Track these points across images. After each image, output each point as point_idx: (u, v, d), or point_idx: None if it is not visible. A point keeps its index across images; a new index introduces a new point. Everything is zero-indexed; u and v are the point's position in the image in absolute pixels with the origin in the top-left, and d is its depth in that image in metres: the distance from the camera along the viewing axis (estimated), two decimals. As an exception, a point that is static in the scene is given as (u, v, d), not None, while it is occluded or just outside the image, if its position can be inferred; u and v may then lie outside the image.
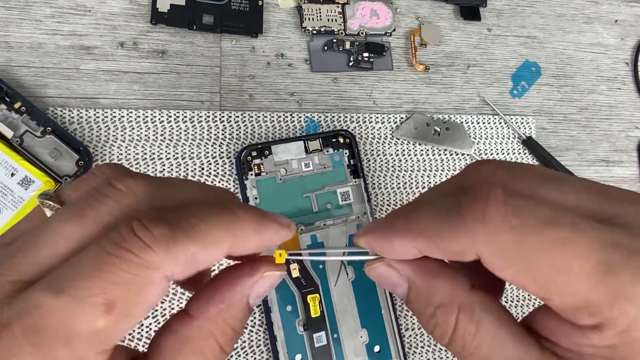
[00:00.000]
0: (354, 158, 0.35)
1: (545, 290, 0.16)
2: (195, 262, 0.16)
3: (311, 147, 0.35)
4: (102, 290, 0.14)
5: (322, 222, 0.33)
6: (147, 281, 0.15)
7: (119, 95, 0.43)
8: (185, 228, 0.16)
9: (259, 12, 0.46)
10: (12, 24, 0.41)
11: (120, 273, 0.15)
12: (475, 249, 0.17)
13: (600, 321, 0.15)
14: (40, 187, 0.38)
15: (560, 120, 0.53)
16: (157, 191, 0.17)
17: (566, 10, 0.56)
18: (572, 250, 0.15)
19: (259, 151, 0.33)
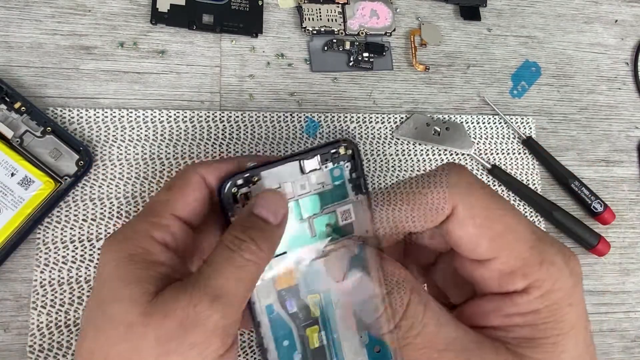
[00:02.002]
0: (357, 171, 0.31)
1: (495, 249, 0.19)
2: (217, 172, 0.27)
3: (307, 166, 0.30)
4: (166, 184, 0.27)
5: (321, 249, 0.30)
6: (187, 174, 0.27)
7: (119, 95, 0.43)
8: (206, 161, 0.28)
9: (259, 12, 0.46)
10: (12, 24, 0.41)
11: (175, 175, 0.28)
12: (452, 201, 0.20)
13: (529, 282, 0.19)
14: (40, 187, 0.38)
15: (560, 120, 0.53)
16: None
17: (566, 10, 0.56)
18: (520, 220, 0.20)
19: (247, 179, 0.28)
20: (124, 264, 0.22)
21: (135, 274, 0.22)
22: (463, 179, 0.21)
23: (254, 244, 0.23)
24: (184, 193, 0.26)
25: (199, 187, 0.26)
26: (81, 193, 0.41)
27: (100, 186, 0.41)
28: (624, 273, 0.51)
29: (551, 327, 0.19)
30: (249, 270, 0.23)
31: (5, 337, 0.37)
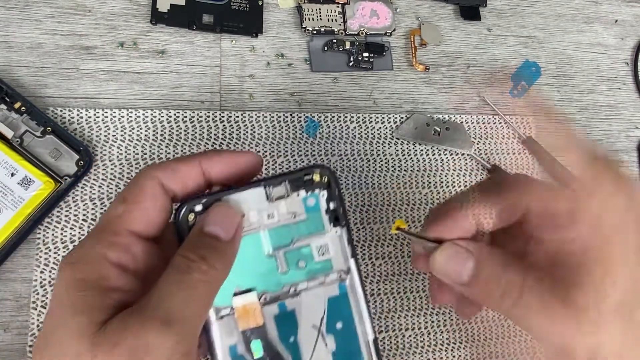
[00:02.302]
0: (334, 200, 0.27)
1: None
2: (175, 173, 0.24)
3: (275, 193, 0.26)
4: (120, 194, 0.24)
5: (293, 287, 0.27)
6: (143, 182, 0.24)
7: (119, 95, 0.43)
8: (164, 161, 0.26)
9: (259, 12, 0.46)
10: (12, 24, 0.41)
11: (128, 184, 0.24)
12: (525, 202, 0.23)
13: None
14: (40, 187, 0.38)
15: (560, 120, 0.53)
16: None
17: (566, 10, 0.56)
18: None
19: (206, 205, 0.25)
20: (74, 290, 0.21)
21: (85, 301, 0.21)
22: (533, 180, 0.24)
23: (205, 263, 0.22)
24: (140, 204, 0.23)
25: (157, 195, 0.24)
26: (81, 193, 0.41)
27: (100, 186, 0.41)
28: (624, 273, 0.51)
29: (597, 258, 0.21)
30: (201, 291, 0.22)
31: (5, 337, 0.37)
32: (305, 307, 0.27)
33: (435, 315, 0.46)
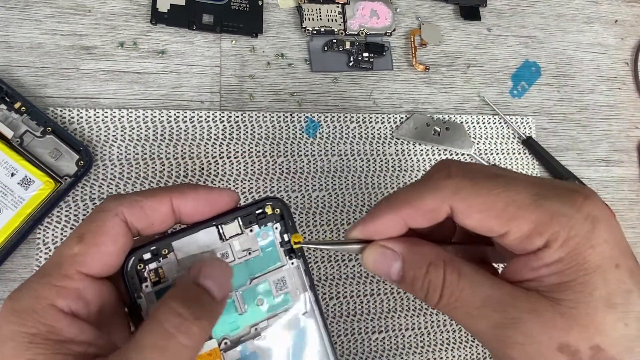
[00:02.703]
0: (288, 232, 0.26)
1: (505, 224, 0.21)
2: (143, 211, 0.22)
3: (227, 232, 0.25)
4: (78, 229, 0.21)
5: (253, 327, 0.26)
6: (105, 218, 0.21)
7: (119, 95, 0.43)
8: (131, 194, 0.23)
9: (259, 12, 0.46)
10: (12, 24, 0.41)
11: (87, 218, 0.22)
12: (447, 202, 0.22)
13: (547, 238, 0.20)
14: (40, 187, 0.38)
15: (560, 120, 0.53)
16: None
17: (566, 10, 0.56)
18: (515, 188, 0.21)
19: (154, 252, 0.24)
20: (23, 348, 0.19)
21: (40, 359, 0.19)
22: (452, 176, 0.22)
23: (197, 325, 0.20)
24: (98, 244, 0.21)
25: (119, 235, 0.22)
26: (81, 193, 0.41)
27: (100, 186, 0.41)
28: (624, 273, 0.51)
29: (576, 269, 0.20)
30: (186, 356, 0.20)
31: (5, 337, 0.37)
32: (268, 347, 0.26)
33: (435, 315, 0.46)
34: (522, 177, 0.22)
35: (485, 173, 0.22)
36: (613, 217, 0.21)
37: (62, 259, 0.21)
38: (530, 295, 0.21)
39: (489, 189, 0.21)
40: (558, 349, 0.20)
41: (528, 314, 0.20)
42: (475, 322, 0.22)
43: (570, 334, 0.20)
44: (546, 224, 0.20)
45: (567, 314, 0.20)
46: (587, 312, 0.20)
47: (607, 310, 0.20)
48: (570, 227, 0.20)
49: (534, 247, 0.21)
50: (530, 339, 0.20)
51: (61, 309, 0.20)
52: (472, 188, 0.22)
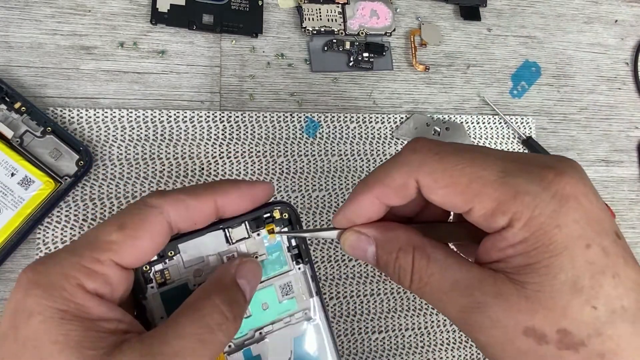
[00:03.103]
0: (296, 237, 0.27)
1: (468, 201, 0.20)
2: (187, 210, 0.22)
3: (235, 235, 0.25)
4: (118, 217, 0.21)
5: (258, 331, 0.26)
6: (149, 213, 0.21)
7: (119, 95, 0.43)
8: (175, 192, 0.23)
9: (259, 12, 0.46)
10: (12, 24, 0.41)
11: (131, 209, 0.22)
12: (413, 176, 0.22)
13: (510, 217, 0.20)
14: (40, 187, 0.38)
15: (560, 120, 0.53)
16: None
17: (566, 10, 0.56)
18: (481, 163, 0.20)
19: (160, 253, 0.24)
20: (55, 324, 0.19)
21: (72, 337, 0.19)
22: (417, 151, 0.22)
23: (233, 325, 0.21)
24: (136, 238, 0.21)
25: (160, 233, 0.22)
26: (81, 193, 0.41)
27: (100, 186, 0.41)
28: (624, 273, 0.51)
29: (541, 251, 0.19)
30: (217, 354, 0.21)
31: (5, 337, 0.37)
32: (272, 351, 0.26)
33: (435, 315, 0.46)
34: (493, 152, 0.21)
35: (454, 147, 0.22)
36: (590, 193, 0.20)
37: (97, 242, 0.21)
38: (497, 278, 0.20)
39: (454, 163, 0.21)
40: (524, 333, 0.19)
41: (493, 298, 0.20)
42: (445, 306, 0.22)
43: (535, 317, 0.19)
44: (509, 202, 0.20)
45: (532, 297, 0.19)
46: (552, 295, 0.19)
47: (574, 294, 0.19)
48: (534, 206, 0.19)
49: (497, 225, 0.20)
50: (496, 323, 0.20)
51: (89, 290, 0.20)
52: (438, 162, 0.21)
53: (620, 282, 0.19)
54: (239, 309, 0.22)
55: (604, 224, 0.20)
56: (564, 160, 0.21)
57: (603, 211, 0.20)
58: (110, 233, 0.21)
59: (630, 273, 0.19)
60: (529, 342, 0.19)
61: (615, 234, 0.20)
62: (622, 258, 0.19)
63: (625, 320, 0.19)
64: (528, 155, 0.22)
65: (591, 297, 0.19)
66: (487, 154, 0.21)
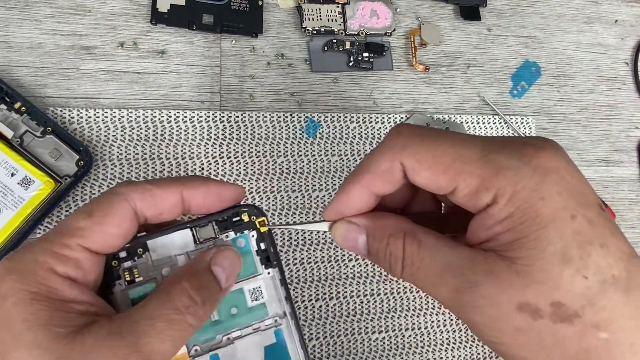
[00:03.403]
0: (264, 240, 0.26)
1: (452, 180, 0.21)
2: (153, 199, 0.23)
3: (202, 234, 0.25)
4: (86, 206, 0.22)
5: (226, 336, 0.25)
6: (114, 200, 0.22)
7: (119, 95, 0.43)
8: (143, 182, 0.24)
9: (259, 12, 0.46)
10: (12, 24, 0.41)
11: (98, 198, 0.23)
12: (397, 159, 0.22)
13: (494, 193, 0.20)
14: (40, 187, 0.38)
15: (560, 120, 0.53)
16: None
17: (566, 10, 0.56)
18: (462, 143, 0.21)
19: (129, 250, 0.24)
20: (26, 304, 0.19)
21: (41, 315, 0.19)
22: (401, 134, 0.22)
23: (202, 309, 0.22)
24: (103, 224, 0.22)
25: (126, 219, 0.22)
26: (81, 193, 0.41)
27: (100, 186, 0.41)
28: (624, 273, 0.51)
29: (528, 224, 0.19)
30: (186, 336, 0.21)
31: (5, 337, 0.37)
32: (240, 357, 0.25)
33: (435, 315, 0.46)
34: (474, 136, 0.22)
35: (436, 131, 0.22)
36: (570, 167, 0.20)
37: (66, 229, 0.21)
38: (487, 257, 0.20)
39: (436, 144, 0.21)
40: (518, 308, 0.19)
41: (485, 276, 0.20)
42: (437, 289, 0.22)
43: (527, 292, 0.19)
44: (492, 179, 0.20)
45: (523, 272, 0.19)
46: (543, 268, 0.19)
47: (564, 265, 0.19)
48: (517, 181, 0.19)
49: (482, 203, 0.20)
50: (490, 301, 0.20)
51: (58, 272, 0.21)
52: (420, 144, 0.21)
53: (609, 251, 0.19)
54: (209, 295, 0.22)
55: (586, 196, 0.20)
56: (543, 139, 0.21)
57: (585, 184, 0.20)
58: (78, 220, 0.22)
59: (618, 243, 0.19)
60: (524, 317, 0.19)
61: (598, 206, 0.20)
62: (608, 229, 0.19)
63: (617, 289, 0.19)
64: (508, 137, 0.22)
65: (581, 267, 0.19)
66: (470, 136, 0.22)
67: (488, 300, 0.20)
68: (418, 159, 0.21)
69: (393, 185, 0.23)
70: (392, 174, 0.22)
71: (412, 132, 0.22)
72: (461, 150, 0.21)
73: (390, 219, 0.23)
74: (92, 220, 0.22)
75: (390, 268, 0.23)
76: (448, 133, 0.22)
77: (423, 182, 0.22)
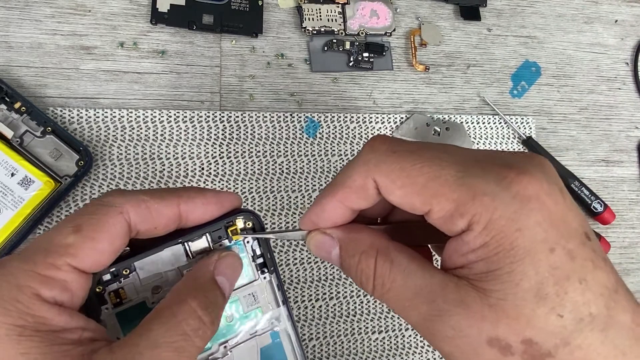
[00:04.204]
0: (260, 246, 0.25)
1: (426, 202, 0.19)
2: (149, 212, 0.21)
3: (195, 248, 0.24)
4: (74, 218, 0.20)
5: (223, 345, 0.25)
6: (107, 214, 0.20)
7: (119, 95, 0.43)
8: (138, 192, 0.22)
9: (259, 12, 0.46)
10: (12, 24, 0.41)
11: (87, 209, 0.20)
12: (371, 176, 0.20)
13: (469, 219, 0.18)
14: (40, 187, 0.38)
15: (560, 120, 0.53)
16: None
17: (566, 10, 0.56)
18: (439, 162, 0.19)
19: (114, 273, 0.22)
20: (13, 342, 0.17)
21: (34, 354, 0.17)
22: (375, 150, 0.21)
23: (210, 329, 0.20)
24: (95, 240, 0.20)
25: (119, 235, 0.20)
26: (81, 193, 0.41)
27: (100, 186, 0.41)
28: (624, 273, 0.51)
29: (503, 256, 0.18)
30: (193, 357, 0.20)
31: (5, 337, 0.37)
32: None
33: (435, 315, 0.46)
34: (454, 151, 0.20)
35: (413, 145, 0.21)
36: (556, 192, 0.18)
37: (51, 246, 0.19)
38: (460, 286, 0.19)
39: (411, 162, 0.20)
40: (488, 343, 0.18)
41: (456, 306, 0.19)
42: (408, 313, 0.20)
43: (499, 327, 0.18)
44: (467, 204, 0.18)
45: (495, 305, 0.18)
46: (516, 303, 0.18)
47: (538, 302, 0.18)
48: (493, 208, 0.18)
49: (457, 228, 0.19)
50: (460, 333, 0.19)
51: (46, 299, 0.18)
52: (394, 161, 0.20)
53: (588, 287, 0.18)
54: (217, 311, 0.21)
55: (570, 225, 0.18)
56: (528, 158, 0.20)
57: (570, 211, 0.19)
58: (66, 236, 0.19)
59: (600, 277, 0.18)
60: (494, 352, 0.18)
61: (584, 235, 0.19)
62: (590, 261, 0.18)
63: (594, 328, 0.18)
64: (491, 153, 0.20)
65: (556, 305, 0.18)
66: (448, 152, 0.20)
67: (458, 332, 0.19)
68: (392, 178, 0.20)
69: (368, 202, 0.21)
70: (365, 190, 0.21)
71: (387, 147, 0.21)
72: (437, 170, 0.19)
73: (364, 234, 0.22)
74: (82, 235, 0.19)
75: (362, 285, 0.22)
76: (426, 148, 0.20)
77: (397, 202, 0.20)
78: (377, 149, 0.21)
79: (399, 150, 0.20)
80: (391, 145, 0.21)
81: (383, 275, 0.21)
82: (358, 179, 0.21)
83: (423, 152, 0.20)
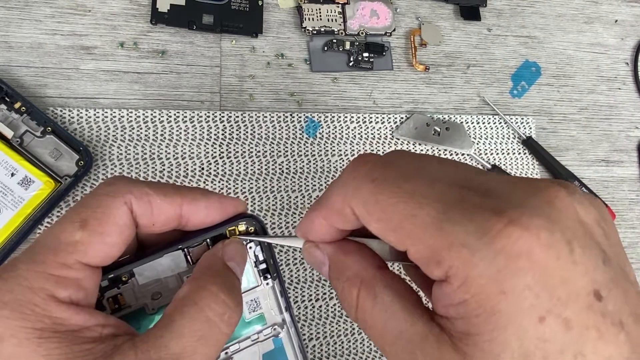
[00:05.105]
0: (263, 251, 0.25)
1: (401, 241, 0.17)
2: (150, 207, 0.20)
3: (196, 254, 0.23)
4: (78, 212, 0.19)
5: (224, 351, 0.24)
6: (112, 205, 0.19)
7: (119, 95, 0.43)
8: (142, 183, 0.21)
9: (259, 12, 0.46)
10: (12, 24, 0.41)
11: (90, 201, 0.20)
12: (347, 204, 0.19)
13: (446, 270, 0.16)
14: (40, 187, 0.38)
15: (560, 120, 0.53)
16: None
17: (566, 10, 0.56)
18: (420, 201, 0.16)
19: (111, 281, 0.22)
20: (33, 345, 0.17)
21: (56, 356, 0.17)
22: (355, 175, 0.19)
23: (236, 312, 0.19)
24: (103, 234, 0.19)
25: (126, 225, 0.20)
26: (81, 193, 0.41)
27: (100, 186, 0.41)
28: (624, 273, 0.51)
29: (484, 320, 0.15)
30: (220, 349, 0.19)
31: (5, 337, 0.37)
32: None
33: (435, 315, 0.46)
34: (445, 180, 0.17)
35: (394, 173, 0.18)
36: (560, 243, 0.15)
37: (59, 244, 0.18)
38: (441, 342, 0.17)
39: (388, 195, 0.17)
40: None
41: None
42: (388, 355, 0.19)
43: None
44: (443, 253, 0.16)
45: None
46: None
47: None
48: (473, 264, 0.15)
49: (435, 276, 0.17)
50: None
51: (62, 300, 0.18)
52: (370, 192, 0.18)
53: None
54: (238, 295, 0.20)
55: (573, 284, 0.15)
56: (534, 196, 0.16)
57: (576, 265, 0.15)
58: (73, 232, 0.19)
59: (605, 348, 0.15)
60: None
61: (592, 295, 0.15)
62: (594, 329, 0.15)
63: None
64: (488, 188, 0.17)
65: None
66: (434, 183, 0.17)
67: None
68: (367, 209, 0.18)
69: (352, 224, 0.20)
70: (345, 215, 0.19)
71: (367, 173, 0.18)
72: (415, 209, 0.17)
73: (351, 259, 0.20)
74: (89, 230, 0.19)
75: (346, 310, 0.20)
76: (412, 176, 0.17)
77: (375, 233, 0.18)
78: (357, 173, 0.19)
79: (378, 178, 0.18)
80: (370, 171, 0.18)
81: (364, 311, 0.19)
82: (336, 203, 0.19)
83: (403, 183, 0.17)
